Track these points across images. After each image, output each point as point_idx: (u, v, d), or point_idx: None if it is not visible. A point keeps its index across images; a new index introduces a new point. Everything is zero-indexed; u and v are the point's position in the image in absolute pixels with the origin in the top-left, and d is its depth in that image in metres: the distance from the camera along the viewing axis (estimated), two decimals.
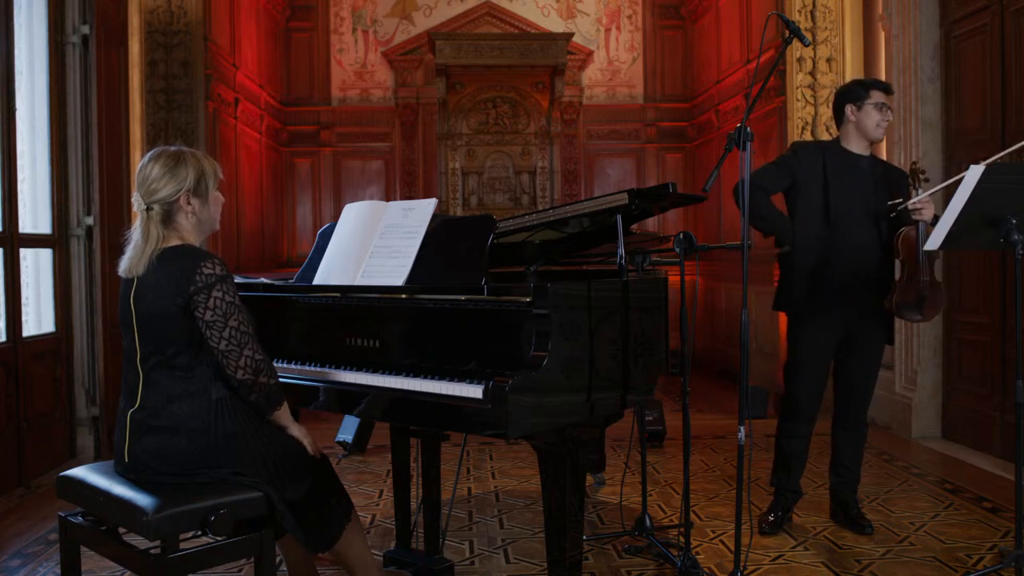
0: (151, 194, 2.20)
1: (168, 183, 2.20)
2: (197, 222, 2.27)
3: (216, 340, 2.13)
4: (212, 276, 2.13)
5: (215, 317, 2.12)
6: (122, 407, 2.24)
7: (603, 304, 2.30)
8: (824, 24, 5.66)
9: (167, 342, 2.16)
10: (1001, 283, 4.40)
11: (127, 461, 2.20)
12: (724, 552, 3.16)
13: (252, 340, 2.17)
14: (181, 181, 2.21)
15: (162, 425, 2.14)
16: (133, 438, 2.18)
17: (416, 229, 2.57)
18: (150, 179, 2.21)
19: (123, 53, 5.12)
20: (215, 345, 2.14)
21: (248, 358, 2.15)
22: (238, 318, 2.15)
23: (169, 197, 2.21)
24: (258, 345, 2.19)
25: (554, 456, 2.23)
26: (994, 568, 2.87)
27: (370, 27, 8.30)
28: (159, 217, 2.21)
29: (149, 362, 2.19)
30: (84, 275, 4.62)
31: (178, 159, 2.23)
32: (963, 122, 4.75)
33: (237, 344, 2.14)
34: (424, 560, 2.89)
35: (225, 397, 2.19)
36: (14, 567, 3.08)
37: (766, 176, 3.33)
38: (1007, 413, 4.31)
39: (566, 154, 8.40)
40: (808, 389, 3.36)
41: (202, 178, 2.25)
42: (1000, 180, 2.74)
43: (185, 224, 2.25)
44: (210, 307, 2.11)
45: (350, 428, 4.75)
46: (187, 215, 2.24)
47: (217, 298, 2.12)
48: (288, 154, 8.26)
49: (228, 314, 2.13)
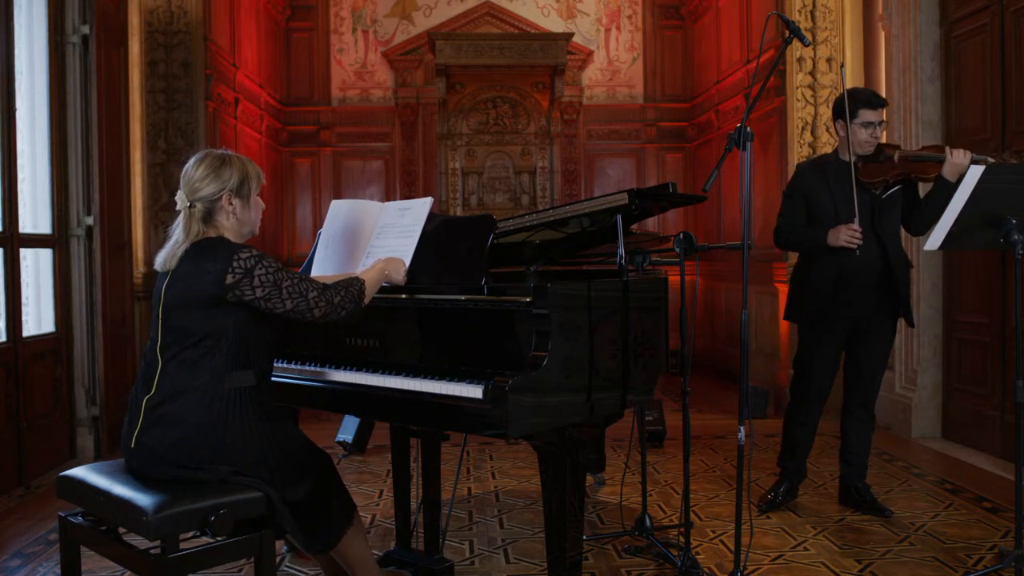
0: (194, 192, 2.27)
1: (212, 182, 2.27)
2: (237, 223, 2.32)
3: (280, 306, 2.22)
4: (250, 259, 2.19)
5: (266, 290, 2.20)
6: (136, 393, 2.26)
7: (603, 304, 2.30)
8: (824, 24, 5.66)
9: (185, 334, 2.19)
10: (1001, 283, 4.40)
11: (133, 447, 2.20)
12: (724, 552, 3.16)
13: (307, 283, 2.26)
14: (225, 181, 2.28)
15: (172, 415, 2.16)
16: (144, 425, 2.19)
17: (412, 228, 2.57)
18: (195, 178, 2.28)
19: (123, 53, 5.12)
20: (282, 310, 2.22)
21: (314, 298, 2.25)
22: (287, 276, 2.23)
23: (212, 196, 2.27)
24: (313, 282, 2.28)
25: (554, 456, 2.23)
26: (994, 568, 2.87)
27: (370, 27, 8.30)
28: (200, 215, 2.27)
29: (168, 352, 2.21)
30: (84, 275, 4.62)
31: (223, 161, 2.30)
32: (963, 122, 4.75)
33: (300, 294, 2.23)
34: (424, 560, 2.89)
35: (236, 394, 2.20)
36: (14, 567, 3.08)
37: (786, 214, 3.59)
38: (1007, 413, 4.31)
39: (566, 154, 8.39)
40: (818, 381, 3.58)
41: (245, 180, 2.31)
42: (1000, 180, 2.74)
43: (225, 223, 2.30)
44: (255, 285, 2.18)
45: (350, 428, 4.75)
46: (228, 215, 2.30)
47: (260, 275, 2.19)
48: (288, 154, 8.26)
49: (277, 280, 2.21)
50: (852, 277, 3.42)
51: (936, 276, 4.94)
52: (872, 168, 3.39)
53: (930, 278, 4.94)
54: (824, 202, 3.49)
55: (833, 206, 3.46)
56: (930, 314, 4.94)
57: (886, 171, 3.37)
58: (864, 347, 3.53)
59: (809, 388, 3.58)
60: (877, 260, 3.42)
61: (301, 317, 2.26)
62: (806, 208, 3.55)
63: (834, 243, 3.37)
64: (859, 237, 3.31)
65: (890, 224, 3.47)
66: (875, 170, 3.39)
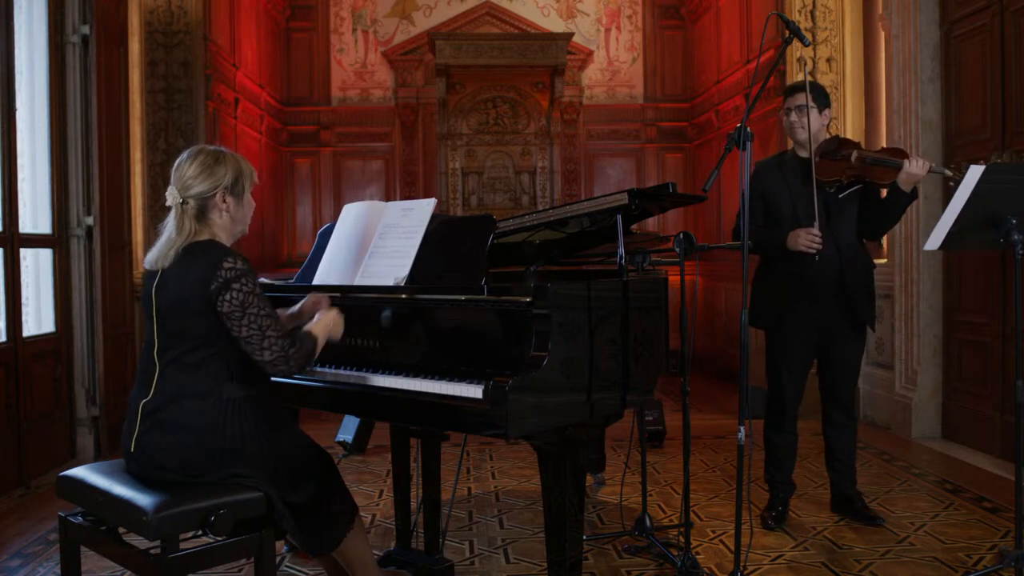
0: (187, 189, 2.23)
1: (206, 180, 2.23)
2: (230, 221, 2.29)
3: (237, 329, 2.14)
4: (233, 271, 2.14)
5: (233, 308, 2.13)
6: (135, 396, 2.24)
7: (603, 304, 2.30)
8: (824, 24, 5.66)
9: (183, 337, 2.17)
10: (1001, 283, 4.40)
11: (133, 451, 2.20)
12: (724, 552, 3.16)
13: (274, 322, 2.18)
14: (219, 179, 2.24)
15: (171, 421, 2.15)
16: (142, 429, 2.18)
17: (415, 229, 2.57)
18: (188, 175, 2.24)
19: (123, 53, 5.12)
20: (237, 334, 2.15)
21: (272, 339, 2.16)
22: (257, 305, 2.15)
23: (205, 193, 2.24)
24: (280, 325, 2.20)
25: (554, 456, 2.23)
26: (994, 568, 2.87)
27: (370, 27, 8.30)
28: (193, 212, 2.23)
29: (166, 355, 2.19)
30: (84, 275, 4.62)
31: (217, 158, 2.27)
32: (963, 122, 4.75)
33: (259, 329, 2.15)
34: (424, 560, 2.89)
35: (236, 399, 2.19)
36: (14, 567, 3.08)
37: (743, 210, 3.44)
38: (1007, 413, 4.31)
39: (566, 154, 8.40)
40: (792, 387, 3.47)
41: (239, 178, 2.28)
42: (1000, 180, 2.74)
43: (218, 221, 2.27)
44: (227, 299, 2.13)
45: (350, 428, 4.75)
46: (221, 212, 2.27)
47: (235, 289, 2.13)
48: (288, 154, 8.26)
49: (246, 303, 2.14)
50: (812, 285, 3.32)
51: (936, 276, 4.94)
52: (827, 165, 3.28)
53: (930, 278, 4.94)
54: (782, 202, 3.39)
55: (792, 206, 3.36)
56: (930, 314, 4.93)
57: (842, 170, 3.26)
58: (834, 354, 3.44)
59: (784, 397, 3.46)
60: (836, 264, 3.32)
61: (251, 353, 2.17)
62: (764, 208, 3.45)
63: (793, 247, 3.26)
64: (819, 242, 3.21)
65: (844, 225, 3.35)
66: (830, 167, 3.27)
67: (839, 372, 3.46)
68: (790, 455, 3.53)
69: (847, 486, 3.53)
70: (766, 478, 3.58)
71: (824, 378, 3.52)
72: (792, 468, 3.56)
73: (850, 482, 3.53)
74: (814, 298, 3.36)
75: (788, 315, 3.40)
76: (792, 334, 3.42)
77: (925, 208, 4.85)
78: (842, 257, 3.34)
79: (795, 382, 3.47)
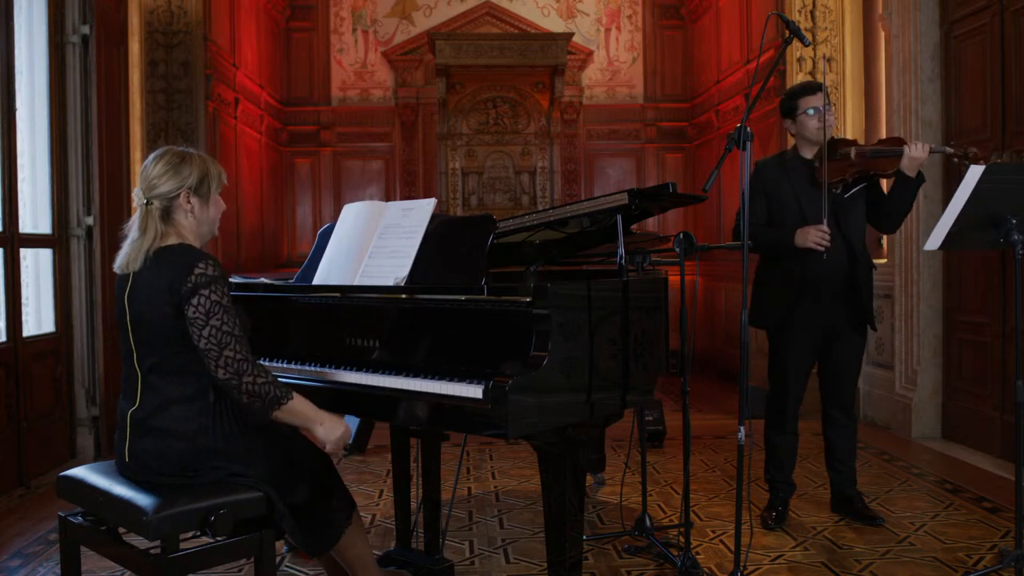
0: (152, 188, 2.19)
1: (170, 179, 2.19)
2: (196, 222, 2.25)
3: (197, 338, 2.09)
4: (203, 276, 2.10)
5: (197, 315, 2.08)
6: (122, 406, 2.23)
7: (603, 304, 2.30)
8: (824, 24, 5.66)
9: (162, 343, 2.15)
10: (1001, 283, 4.40)
11: (128, 461, 2.19)
12: (724, 552, 3.16)
13: (236, 341, 2.11)
14: (184, 179, 2.20)
15: (161, 427, 2.14)
16: (133, 438, 2.17)
17: (415, 229, 2.57)
18: (152, 174, 2.20)
19: (123, 53, 5.12)
20: (196, 343, 2.10)
21: (228, 358, 2.09)
22: (221, 318, 2.09)
23: (169, 193, 2.20)
24: (243, 347, 2.12)
25: (554, 456, 2.23)
26: (994, 568, 2.87)
27: (370, 27, 8.30)
28: (158, 213, 2.20)
29: (146, 363, 2.18)
30: (84, 275, 4.62)
31: (183, 158, 2.23)
32: (963, 122, 4.75)
33: (217, 343, 2.08)
34: (424, 560, 2.89)
35: (224, 400, 2.17)
36: (14, 567, 3.08)
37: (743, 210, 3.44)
38: (1007, 413, 4.31)
39: (566, 154, 8.40)
40: (793, 388, 3.48)
41: (205, 179, 2.24)
42: (1000, 180, 2.74)
43: (184, 223, 2.24)
44: (194, 304, 2.08)
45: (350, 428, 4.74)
46: (186, 213, 2.23)
47: (203, 295, 2.09)
48: (288, 154, 8.26)
49: (211, 312, 2.08)
50: (817, 284, 3.33)
51: (936, 276, 4.94)
52: (830, 167, 3.27)
53: (930, 278, 4.94)
54: (787, 201, 3.38)
55: (798, 205, 3.35)
56: (930, 314, 4.93)
57: (844, 169, 3.25)
58: (836, 354, 3.45)
59: (786, 397, 3.46)
60: (843, 263, 3.33)
61: (205, 364, 2.10)
62: (767, 207, 3.44)
63: (802, 244, 3.25)
64: (828, 239, 3.21)
65: (853, 224, 3.35)
66: (833, 169, 3.27)
67: (841, 371, 3.47)
68: (790, 455, 3.54)
69: (847, 486, 3.53)
70: (766, 478, 3.58)
71: (825, 378, 3.53)
72: (792, 468, 3.56)
73: (850, 482, 3.54)
74: (818, 297, 3.36)
75: (792, 315, 3.39)
76: (797, 334, 3.42)
77: (925, 208, 4.85)
78: (852, 256, 3.34)
79: (798, 382, 3.48)
